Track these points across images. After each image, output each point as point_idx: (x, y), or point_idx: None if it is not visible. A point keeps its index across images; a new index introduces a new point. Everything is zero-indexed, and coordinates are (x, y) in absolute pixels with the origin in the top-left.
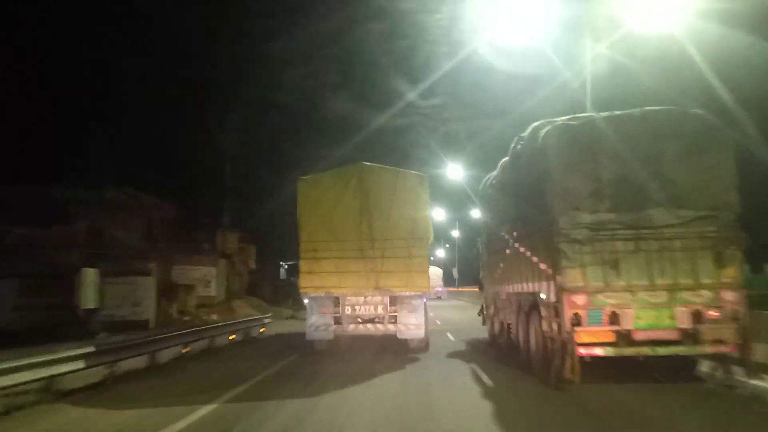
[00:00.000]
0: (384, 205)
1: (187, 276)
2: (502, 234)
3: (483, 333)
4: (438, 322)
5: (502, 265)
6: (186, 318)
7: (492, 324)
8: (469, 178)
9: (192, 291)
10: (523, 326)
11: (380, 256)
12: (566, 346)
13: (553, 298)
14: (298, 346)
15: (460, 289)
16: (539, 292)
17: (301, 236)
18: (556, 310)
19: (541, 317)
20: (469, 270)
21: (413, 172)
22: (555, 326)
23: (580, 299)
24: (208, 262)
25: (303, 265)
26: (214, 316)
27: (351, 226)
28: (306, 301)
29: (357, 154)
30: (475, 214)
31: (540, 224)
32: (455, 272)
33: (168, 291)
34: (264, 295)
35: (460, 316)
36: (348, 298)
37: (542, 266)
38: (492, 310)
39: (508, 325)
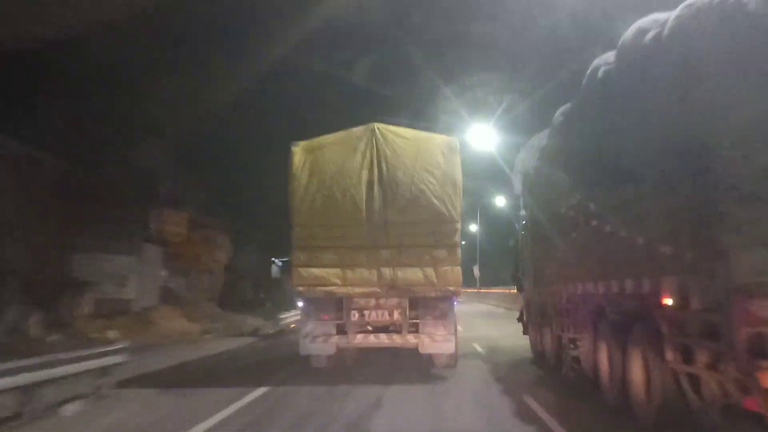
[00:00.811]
0: (403, 178)
1: (95, 269)
2: (565, 210)
3: (520, 344)
4: (459, 328)
5: (561, 254)
6: (53, 338)
7: (539, 336)
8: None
9: (84, 292)
10: (609, 349)
11: (397, 245)
12: (738, 394)
13: (697, 305)
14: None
15: (482, 291)
16: (657, 294)
17: (295, 219)
18: (709, 327)
19: (662, 339)
20: (490, 269)
21: (440, 136)
22: (705, 357)
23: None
24: (125, 249)
25: (296, 257)
26: (111, 334)
27: (359, 204)
28: (300, 303)
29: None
30: (501, 201)
31: (666, 178)
32: (476, 270)
33: (42, 292)
34: (245, 297)
35: (487, 322)
36: (355, 300)
37: (665, 249)
38: (538, 317)
39: (572, 340)
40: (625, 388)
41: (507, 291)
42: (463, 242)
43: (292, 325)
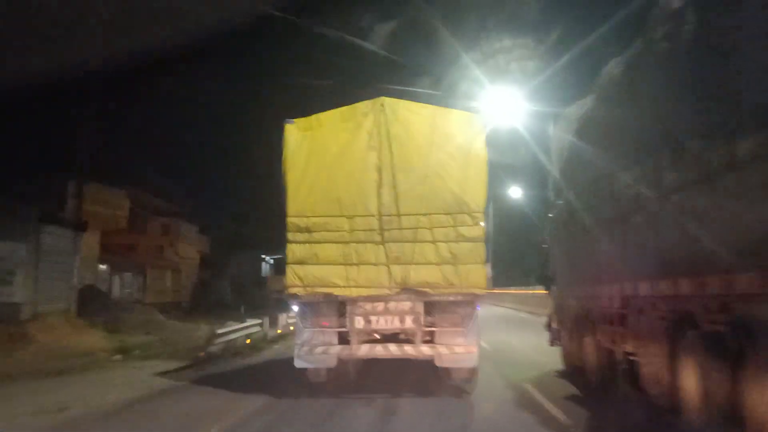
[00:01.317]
0: (417, 160)
1: None
2: (620, 190)
3: (545, 356)
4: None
5: (611, 246)
6: None
7: (576, 347)
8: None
9: None
10: (704, 371)
11: (410, 239)
12: None
13: None
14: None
15: (495, 291)
16: None
17: (289, 209)
18: None
19: None
20: (503, 267)
21: (461, 111)
22: None
23: None
24: (10, 234)
25: (291, 253)
26: None
27: (365, 192)
28: (295, 307)
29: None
30: (517, 192)
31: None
32: (488, 269)
33: None
34: (224, 299)
35: (507, 329)
36: (360, 303)
37: None
38: (575, 325)
39: (627, 354)
40: (737, 424)
41: (525, 291)
42: None
43: (248, 341)
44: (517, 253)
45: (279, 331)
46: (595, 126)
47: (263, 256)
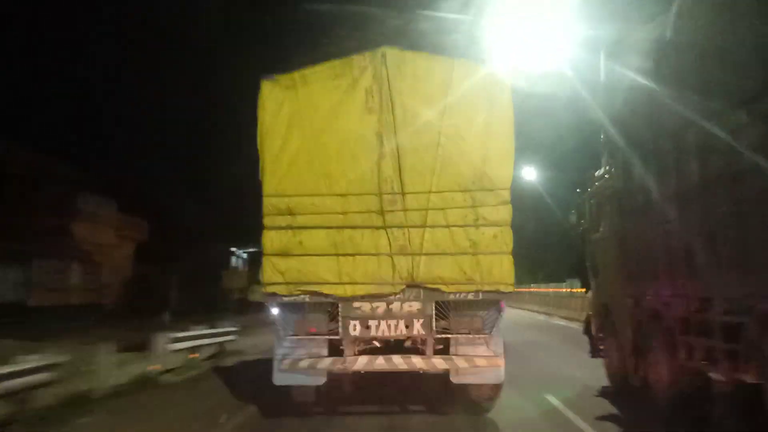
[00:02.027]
0: (427, 125)
1: None
2: (709, 143)
3: (579, 369)
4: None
5: (701, 226)
6: None
7: (632, 360)
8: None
9: None
10: None
11: (419, 224)
12: None
13: None
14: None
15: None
16: None
17: (266, 188)
18: None
19: None
20: (523, 262)
21: (482, 66)
22: None
23: None
24: None
25: (269, 242)
26: None
27: (362, 164)
28: (275, 310)
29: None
30: (531, 174)
31: None
32: None
33: None
34: (167, 301)
35: (527, 335)
36: (356, 305)
37: None
38: (630, 332)
39: (737, 381)
40: None
41: (549, 290)
42: None
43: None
44: (536, 245)
45: (156, 367)
46: (674, 56)
47: (233, 249)
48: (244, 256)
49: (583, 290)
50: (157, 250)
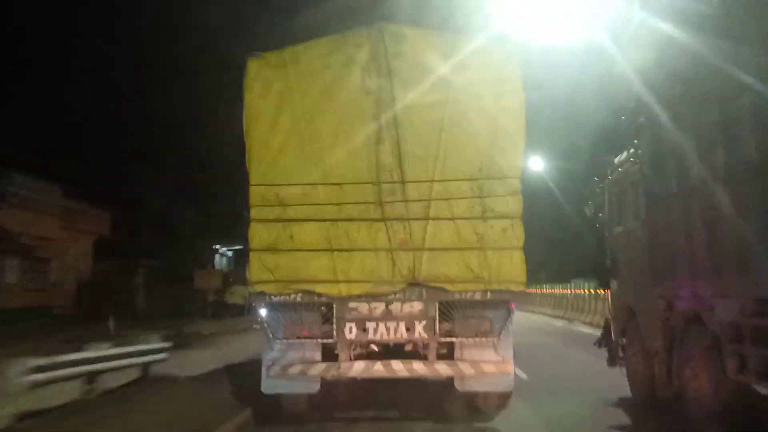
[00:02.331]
0: (429, 106)
1: None
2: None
3: (595, 379)
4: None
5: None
6: None
7: (663, 373)
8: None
9: None
10: None
11: (421, 216)
12: None
13: None
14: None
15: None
16: None
17: (253, 174)
18: None
19: None
20: (531, 262)
21: (488, 38)
22: None
23: None
24: None
25: (256, 237)
26: None
27: (359, 151)
28: (262, 312)
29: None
30: (538, 164)
31: None
32: None
33: None
34: (132, 303)
35: (537, 341)
36: (352, 305)
37: None
38: (659, 341)
39: None
40: None
41: (566, 291)
42: None
43: None
44: (539, 243)
45: None
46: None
47: (216, 247)
48: (230, 254)
49: (601, 290)
50: (123, 247)
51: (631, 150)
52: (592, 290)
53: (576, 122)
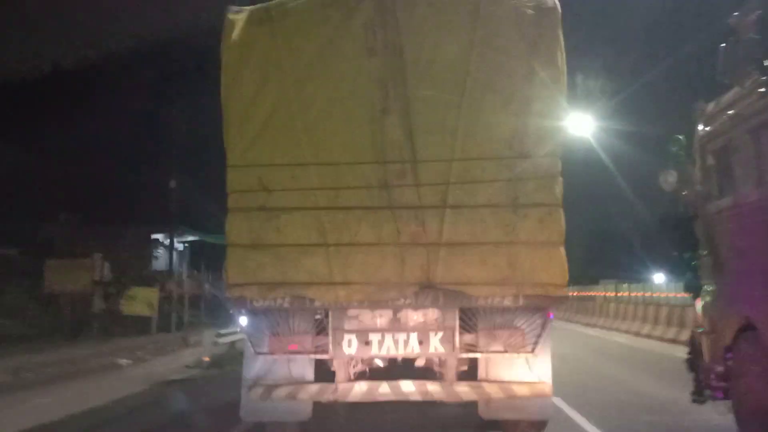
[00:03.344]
0: (446, 73)
1: None
2: None
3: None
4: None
5: None
6: None
7: None
8: None
9: None
10: None
11: (436, 203)
12: None
13: None
14: None
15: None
16: None
17: (231, 153)
18: None
19: None
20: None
21: None
22: None
23: None
24: None
25: (235, 228)
26: None
27: (360, 124)
28: (243, 321)
29: None
30: (586, 124)
31: None
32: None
33: None
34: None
35: (582, 362)
36: (351, 313)
37: None
38: None
39: None
40: None
41: (637, 294)
42: None
43: None
44: (589, 235)
45: None
46: None
47: (156, 237)
48: (180, 247)
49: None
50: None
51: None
52: (631, 293)
53: (639, 62)
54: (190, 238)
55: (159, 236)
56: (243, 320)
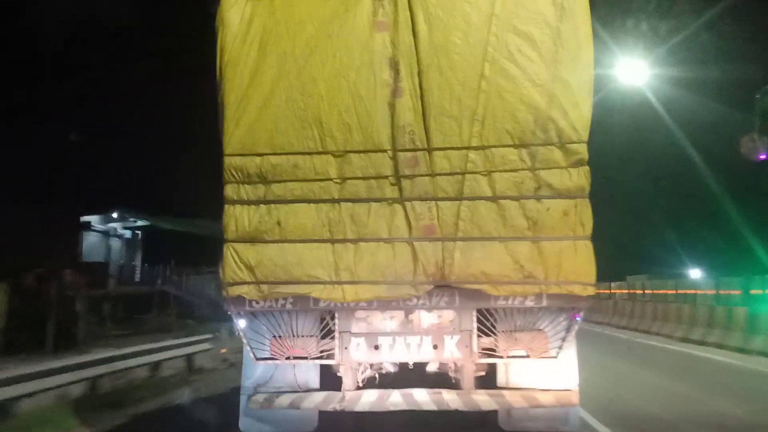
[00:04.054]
0: (464, 48)
1: None
2: None
3: None
4: None
5: None
6: None
7: None
8: None
9: None
10: None
11: (452, 194)
12: None
13: None
14: None
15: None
16: None
17: (228, 140)
18: None
19: None
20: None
21: None
22: None
23: None
24: None
25: (232, 221)
26: None
27: (368, 107)
28: (240, 323)
29: None
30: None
31: None
32: None
33: None
34: None
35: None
36: (359, 314)
37: None
38: None
39: None
40: None
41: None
42: None
43: None
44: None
45: None
46: None
47: (85, 219)
48: (126, 233)
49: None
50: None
51: None
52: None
53: None
54: (142, 223)
55: (93, 218)
56: (241, 323)
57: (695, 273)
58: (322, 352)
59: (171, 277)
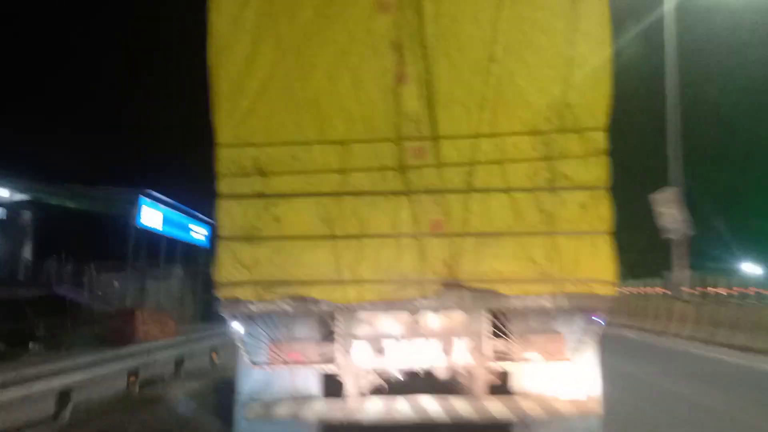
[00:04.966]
0: (473, 29)
1: None
2: None
3: None
4: None
5: None
6: None
7: None
8: None
9: None
10: None
11: (462, 187)
12: None
13: None
14: None
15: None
16: None
17: (221, 129)
18: None
19: None
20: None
21: None
22: None
23: None
24: None
25: (227, 217)
26: None
27: (371, 93)
28: (236, 327)
29: None
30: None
31: None
32: None
33: None
34: None
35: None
36: (362, 316)
37: None
38: None
39: None
40: None
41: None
42: None
43: None
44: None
45: None
46: None
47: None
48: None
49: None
50: None
51: None
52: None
53: None
54: (21, 197)
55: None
56: (236, 326)
57: (747, 267)
58: (322, 357)
59: (72, 280)
